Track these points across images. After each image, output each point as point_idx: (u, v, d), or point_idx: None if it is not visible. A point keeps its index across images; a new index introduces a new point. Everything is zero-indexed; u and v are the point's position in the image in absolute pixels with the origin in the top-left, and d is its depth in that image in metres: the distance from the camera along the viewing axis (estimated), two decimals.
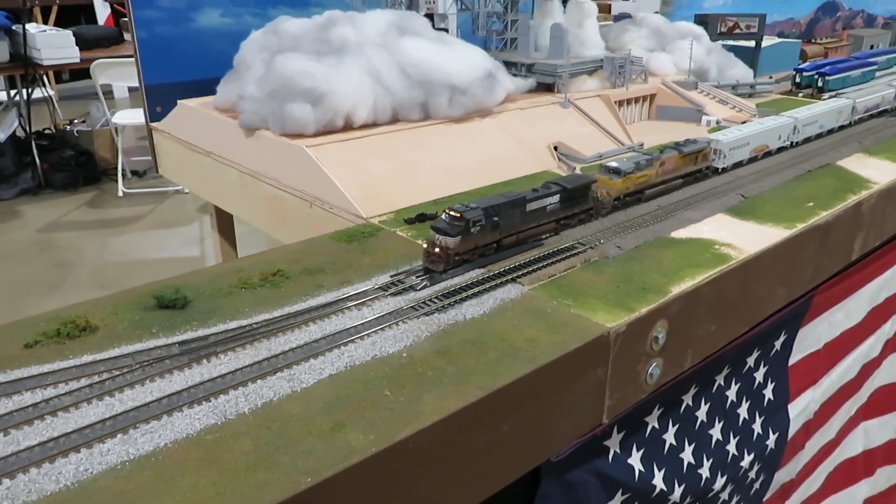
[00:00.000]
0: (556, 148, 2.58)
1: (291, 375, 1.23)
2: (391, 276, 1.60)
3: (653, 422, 1.74)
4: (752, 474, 2.16)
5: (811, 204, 2.12)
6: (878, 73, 3.98)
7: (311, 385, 1.21)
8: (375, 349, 1.32)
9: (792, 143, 2.65)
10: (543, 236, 1.82)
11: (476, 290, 1.54)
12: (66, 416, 1.12)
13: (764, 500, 2.35)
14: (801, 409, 2.35)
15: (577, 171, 2.39)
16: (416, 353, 1.32)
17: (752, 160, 2.46)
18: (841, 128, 2.94)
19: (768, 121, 2.58)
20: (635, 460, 1.69)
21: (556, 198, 1.79)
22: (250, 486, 0.98)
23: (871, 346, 2.75)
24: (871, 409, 3.00)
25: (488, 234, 1.64)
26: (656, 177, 2.08)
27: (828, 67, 3.70)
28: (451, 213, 1.60)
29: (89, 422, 1.10)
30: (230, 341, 1.33)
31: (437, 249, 1.57)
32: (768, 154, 2.54)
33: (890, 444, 3.15)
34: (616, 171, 1.98)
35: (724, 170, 2.35)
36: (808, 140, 2.74)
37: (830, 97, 3.42)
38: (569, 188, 1.82)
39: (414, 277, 1.58)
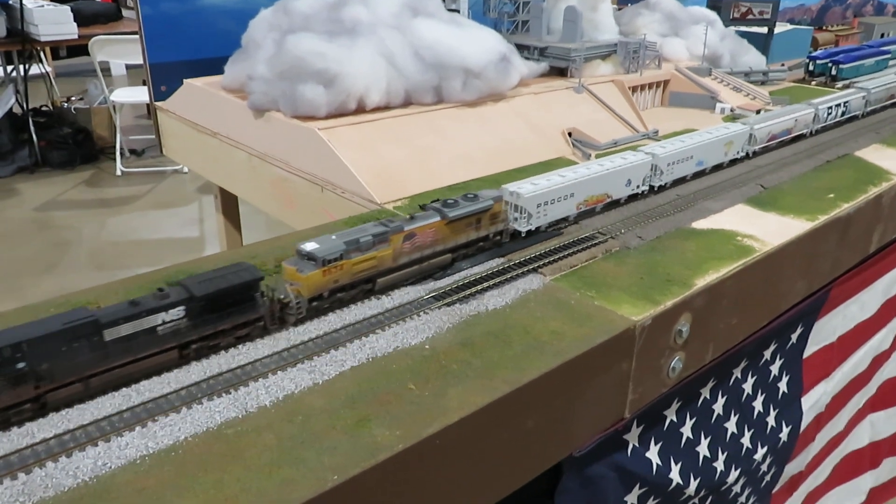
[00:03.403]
0: (570, 134, 2.53)
1: (312, 367, 1.20)
2: None
3: (671, 415, 1.72)
4: (763, 467, 2.15)
5: (832, 195, 2.08)
6: (891, 62, 3.94)
7: (332, 377, 1.18)
8: (397, 340, 1.29)
9: (652, 187, 2.01)
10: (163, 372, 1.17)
11: (497, 280, 1.50)
12: (81, 407, 1.09)
13: (773, 491, 2.34)
14: (813, 401, 2.33)
15: (592, 157, 2.33)
16: (439, 345, 1.28)
17: (586, 213, 1.85)
18: (732, 162, 2.26)
19: (613, 160, 1.91)
20: (653, 454, 1.67)
21: (179, 311, 1.17)
22: (275, 483, 0.95)
23: (882, 339, 2.73)
24: (879, 401, 2.99)
25: (6, 390, 1.02)
26: (394, 259, 1.44)
27: (841, 55, 3.65)
28: None
29: (106, 413, 1.07)
30: None
31: None
32: (615, 204, 1.93)
33: None
34: (311, 258, 1.35)
35: (535, 232, 1.72)
36: (681, 181, 2.09)
37: (847, 89, 3.37)
38: (200, 296, 1.18)
39: None
